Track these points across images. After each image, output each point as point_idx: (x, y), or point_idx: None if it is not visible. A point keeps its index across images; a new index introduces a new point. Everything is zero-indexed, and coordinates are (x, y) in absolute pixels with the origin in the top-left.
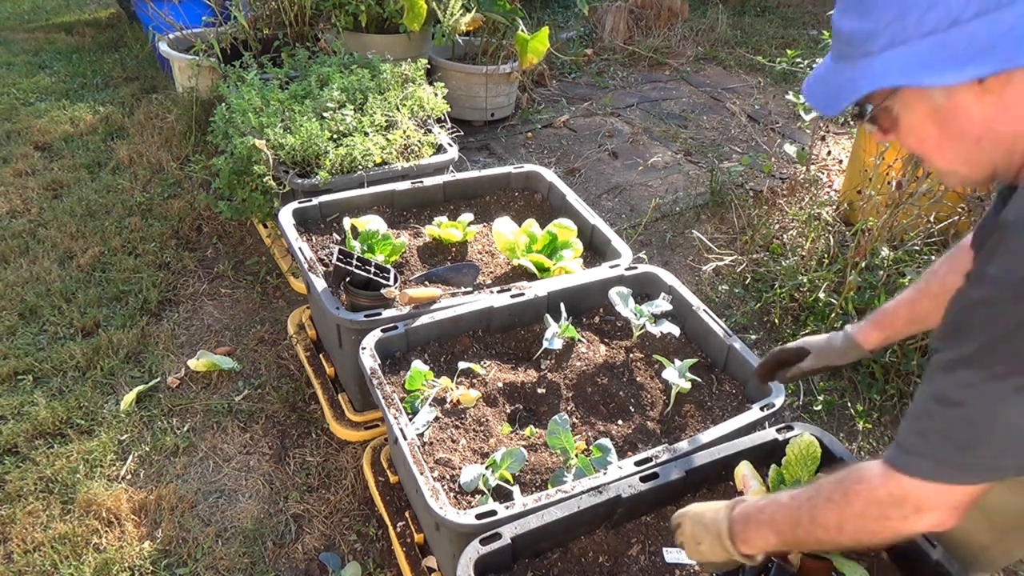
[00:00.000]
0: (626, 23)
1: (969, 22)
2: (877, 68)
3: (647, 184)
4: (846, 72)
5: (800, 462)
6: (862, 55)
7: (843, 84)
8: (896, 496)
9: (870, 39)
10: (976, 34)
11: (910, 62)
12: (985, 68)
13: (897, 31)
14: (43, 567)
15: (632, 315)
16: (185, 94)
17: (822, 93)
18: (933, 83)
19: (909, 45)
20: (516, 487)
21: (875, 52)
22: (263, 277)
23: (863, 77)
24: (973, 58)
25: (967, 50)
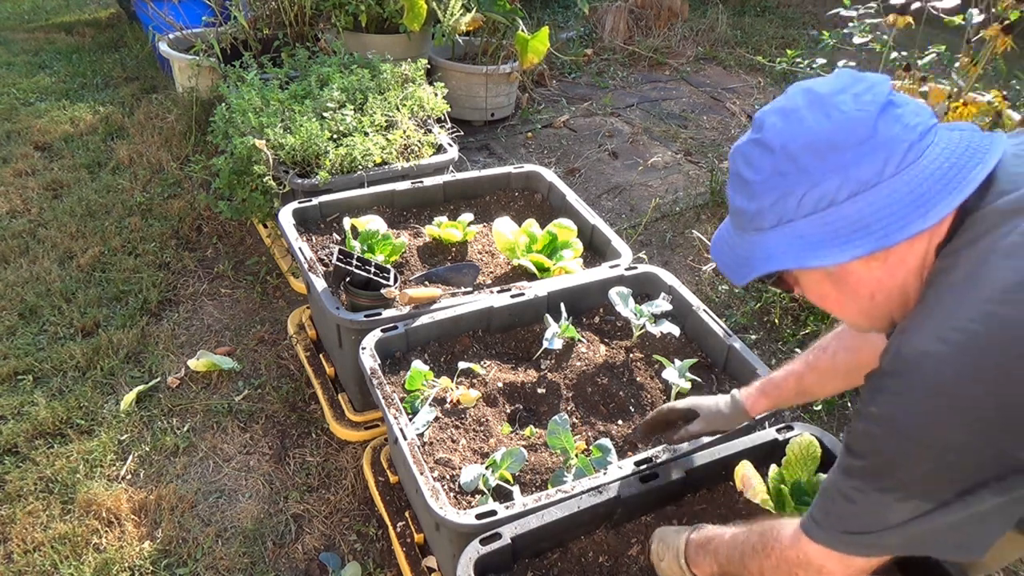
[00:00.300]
0: (626, 23)
1: (844, 203)
2: (770, 248)
3: (647, 184)
4: (745, 244)
5: (800, 462)
6: (755, 229)
7: (744, 259)
8: (802, 559)
9: (758, 217)
10: (851, 214)
11: (797, 244)
12: (863, 248)
13: (780, 212)
14: (43, 567)
15: (632, 315)
16: (185, 94)
17: (729, 261)
18: (820, 264)
19: (794, 224)
20: (516, 487)
21: (765, 228)
22: (263, 277)
23: (759, 258)
24: (851, 237)
25: (845, 228)
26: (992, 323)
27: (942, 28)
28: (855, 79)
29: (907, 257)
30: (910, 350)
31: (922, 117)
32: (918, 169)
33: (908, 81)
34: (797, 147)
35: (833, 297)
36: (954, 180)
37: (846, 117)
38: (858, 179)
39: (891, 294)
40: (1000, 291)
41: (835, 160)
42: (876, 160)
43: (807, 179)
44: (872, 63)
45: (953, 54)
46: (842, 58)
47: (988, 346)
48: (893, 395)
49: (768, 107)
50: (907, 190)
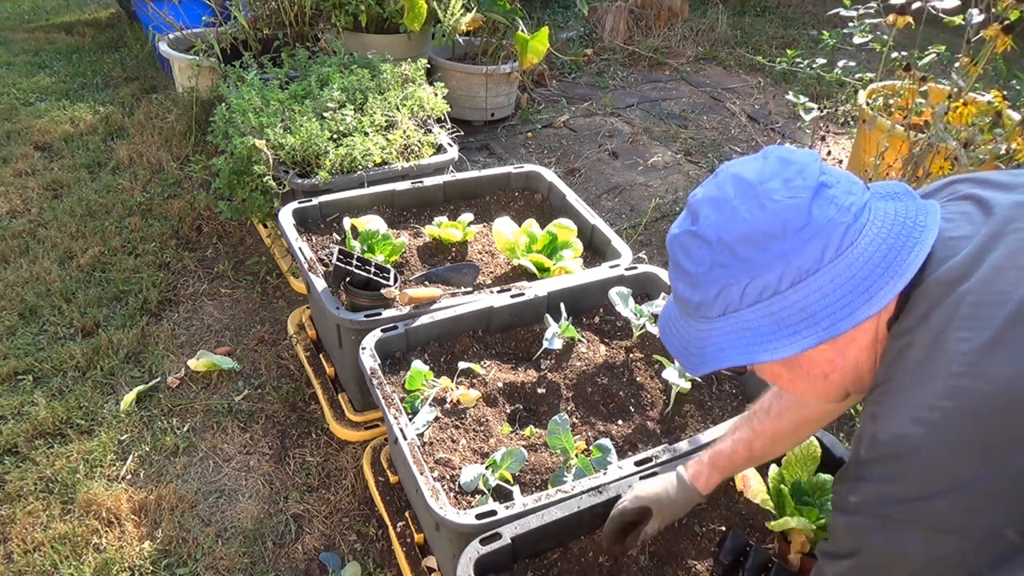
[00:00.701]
0: (626, 23)
1: (786, 292)
2: (720, 340)
3: (647, 184)
4: (693, 332)
5: (800, 462)
6: (702, 317)
7: (696, 348)
8: None
9: (703, 307)
10: (796, 302)
11: (746, 337)
12: (812, 339)
13: (725, 302)
14: (43, 567)
15: (632, 315)
16: (185, 94)
17: (679, 346)
18: (771, 358)
19: (740, 314)
20: (516, 487)
21: (712, 317)
22: (263, 277)
23: (711, 352)
24: (799, 327)
25: (792, 317)
26: (962, 398)
27: (942, 28)
28: (784, 163)
29: (857, 336)
30: (887, 436)
31: (855, 195)
32: (857, 252)
33: (908, 81)
34: (733, 239)
35: (785, 377)
36: (895, 263)
37: (779, 206)
38: (799, 267)
39: (844, 372)
40: (961, 364)
41: (774, 250)
42: (815, 247)
43: (748, 270)
44: (872, 63)
45: (953, 54)
46: (842, 58)
47: (964, 424)
48: (875, 482)
49: (701, 194)
50: (849, 275)
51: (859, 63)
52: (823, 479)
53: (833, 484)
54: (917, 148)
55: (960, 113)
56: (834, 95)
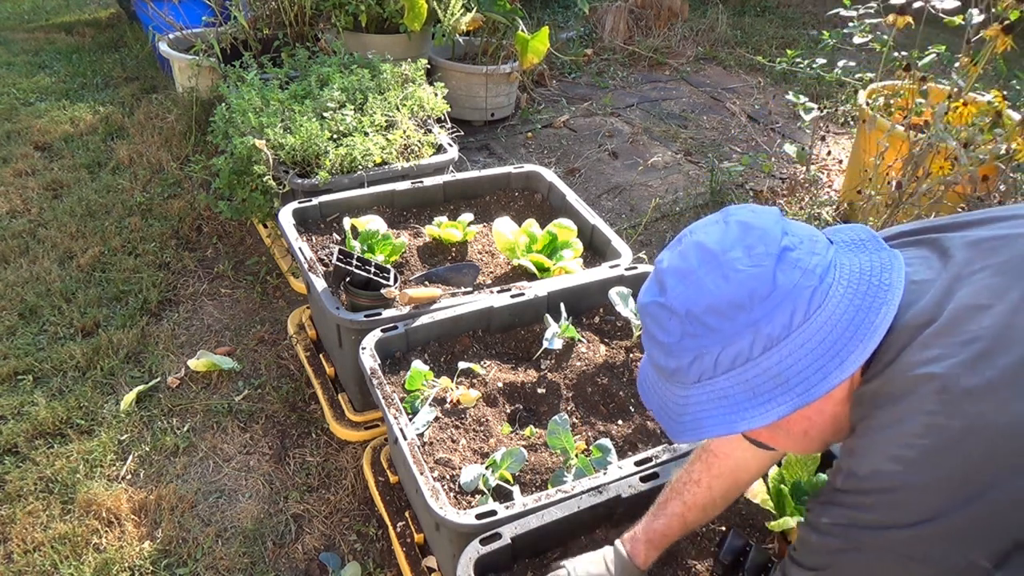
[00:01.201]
0: (626, 23)
1: (759, 359)
2: (698, 411)
3: (647, 184)
4: (672, 396)
5: (800, 462)
6: (678, 383)
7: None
8: None
9: (679, 374)
10: (769, 368)
11: (723, 406)
12: (787, 406)
13: (699, 371)
14: (43, 567)
15: (632, 315)
16: (185, 94)
17: (659, 410)
18: (749, 428)
19: (714, 381)
20: (516, 487)
21: (688, 384)
22: (263, 277)
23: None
24: (773, 394)
25: (766, 384)
26: (938, 435)
27: (942, 28)
28: (745, 229)
29: (834, 393)
30: (864, 471)
31: (819, 255)
32: (826, 315)
33: (908, 81)
34: (700, 311)
35: (765, 435)
36: (863, 326)
37: (743, 275)
38: (768, 335)
39: (822, 428)
40: (937, 403)
41: (742, 319)
42: (783, 313)
43: (719, 339)
44: (872, 63)
45: (953, 54)
46: (842, 58)
47: (938, 460)
48: (849, 508)
49: (667, 263)
50: (819, 339)
51: (859, 63)
52: (823, 479)
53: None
54: (917, 148)
55: (960, 113)
56: (834, 95)
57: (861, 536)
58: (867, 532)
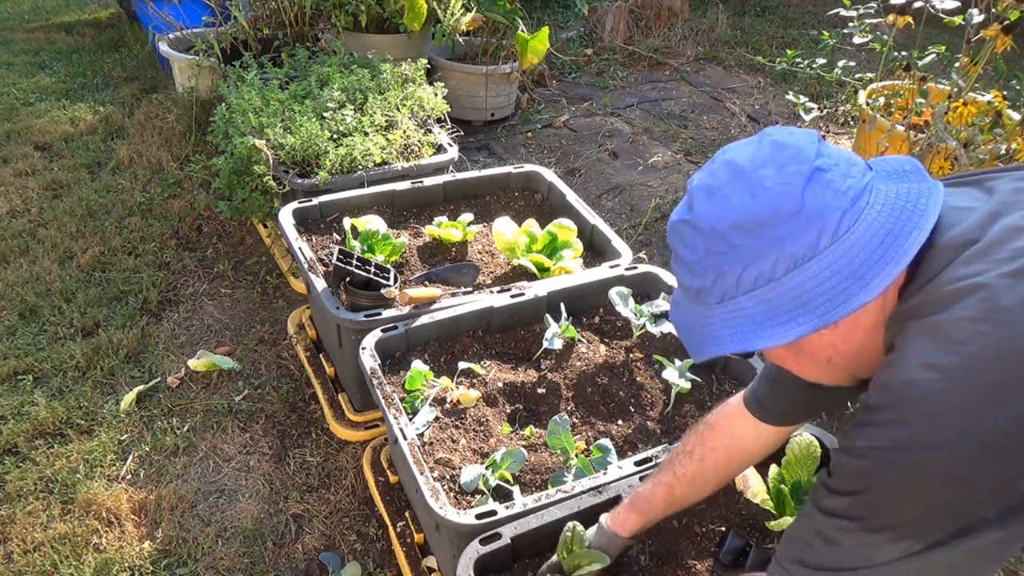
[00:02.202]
0: (626, 23)
1: (782, 280)
2: (717, 328)
3: (647, 184)
4: (695, 315)
5: (800, 462)
6: (702, 303)
7: (696, 334)
8: None
9: (703, 294)
10: (791, 290)
11: (743, 324)
12: (807, 326)
13: (722, 290)
14: (43, 567)
15: (632, 315)
16: (185, 94)
17: (684, 330)
18: (767, 346)
19: (736, 301)
20: (516, 487)
21: (711, 304)
22: (263, 277)
23: (709, 339)
24: (793, 315)
25: (787, 305)
26: (981, 342)
27: (942, 28)
28: (778, 148)
29: (860, 318)
30: (898, 382)
31: (854, 178)
32: (854, 238)
33: (908, 81)
34: (725, 227)
35: (791, 360)
36: (892, 248)
37: (771, 193)
38: (793, 255)
39: (848, 356)
40: (981, 310)
41: (767, 237)
42: (809, 234)
43: (742, 257)
44: (872, 63)
45: (953, 54)
46: (842, 58)
47: (980, 367)
48: (884, 427)
49: (697, 181)
50: (845, 262)
51: (859, 63)
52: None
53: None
54: (917, 148)
55: (960, 113)
56: (834, 95)
57: (894, 457)
58: (900, 453)
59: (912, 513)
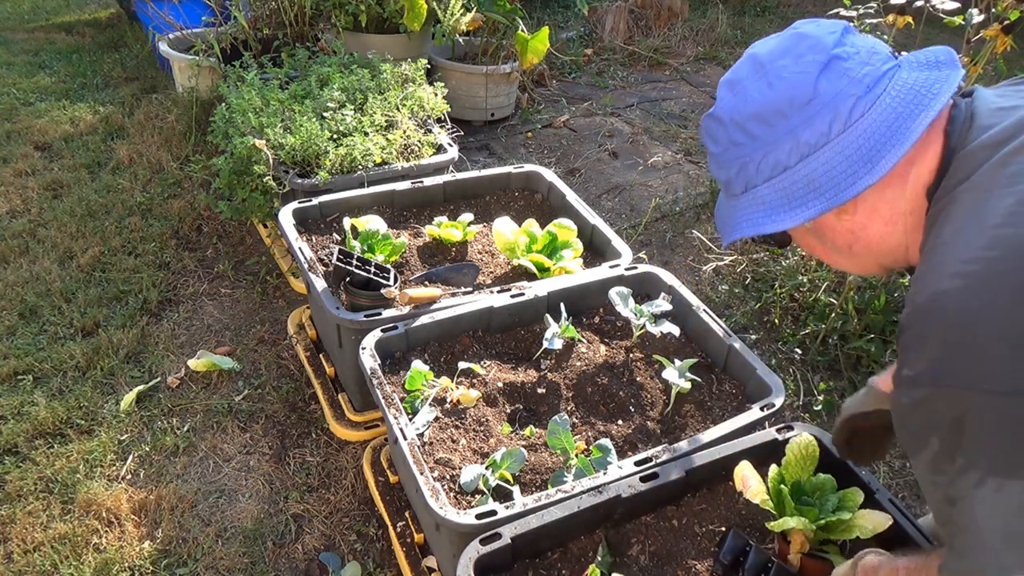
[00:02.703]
0: (626, 23)
1: (796, 168)
2: (738, 215)
3: (647, 184)
4: (726, 207)
5: (799, 462)
6: (731, 195)
7: (724, 222)
8: None
9: (730, 185)
10: (804, 176)
11: (758, 211)
12: (815, 209)
13: (745, 180)
14: (43, 567)
15: (632, 315)
16: (185, 94)
17: (718, 221)
18: (776, 229)
19: (757, 190)
20: (516, 487)
21: (738, 195)
22: (263, 277)
23: (730, 225)
24: (805, 199)
25: (799, 191)
26: (1005, 245)
27: (942, 28)
28: (799, 39)
29: (877, 207)
30: (924, 296)
31: (872, 65)
32: (866, 123)
33: None
34: (743, 118)
35: (819, 249)
36: (899, 131)
37: (786, 82)
38: (807, 142)
39: (868, 244)
40: (1002, 216)
41: (782, 126)
42: (821, 121)
43: (760, 147)
44: None
45: None
46: None
47: (1006, 269)
48: (918, 348)
49: (723, 78)
50: (855, 147)
51: None
52: (822, 479)
53: None
54: None
55: None
56: None
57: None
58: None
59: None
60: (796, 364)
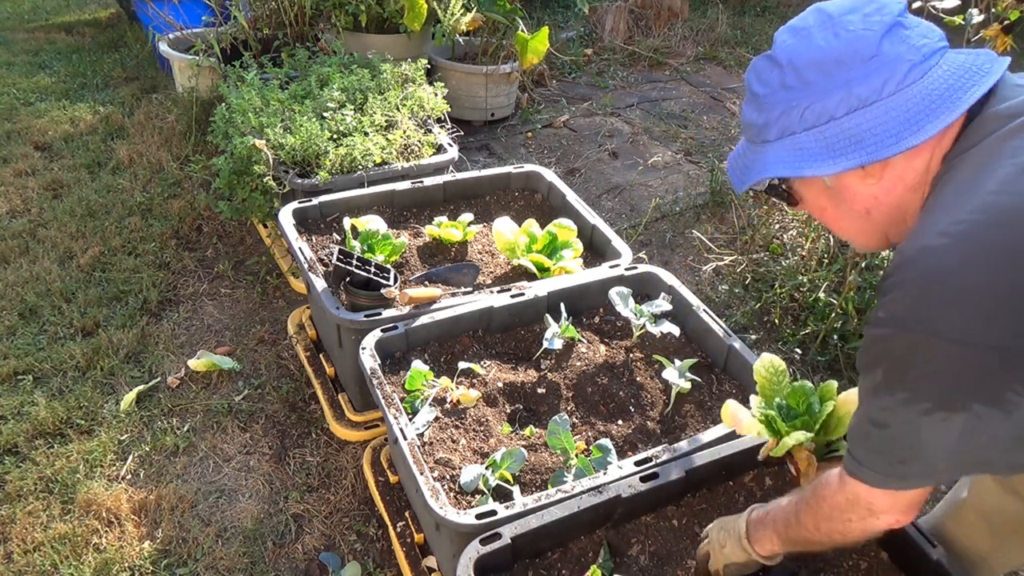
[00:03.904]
0: (626, 23)
1: (842, 119)
2: (770, 158)
3: (647, 184)
4: (751, 154)
5: (771, 382)
6: (761, 141)
7: (747, 167)
8: (851, 501)
9: (765, 130)
10: (848, 129)
11: (795, 155)
12: (854, 160)
13: (785, 125)
14: (43, 567)
15: (632, 315)
16: (185, 94)
17: (736, 169)
18: (813, 174)
19: (795, 137)
20: (516, 487)
21: (771, 140)
22: (263, 277)
23: (759, 165)
24: (845, 150)
25: (841, 142)
26: (992, 211)
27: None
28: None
29: (905, 174)
30: (912, 249)
31: (930, 39)
32: (917, 89)
33: None
34: (803, 63)
35: (831, 212)
36: (948, 100)
37: (852, 35)
38: (858, 96)
39: (887, 211)
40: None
41: (838, 76)
42: (877, 78)
43: (810, 94)
44: None
45: None
46: None
47: (988, 233)
48: (896, 293)
49: (785, 25)
50: (903, 109)
51: None
52: (798, 386)
53: None
54: None
55: None
56: None
57: (907, 322)
58: (915, 314)
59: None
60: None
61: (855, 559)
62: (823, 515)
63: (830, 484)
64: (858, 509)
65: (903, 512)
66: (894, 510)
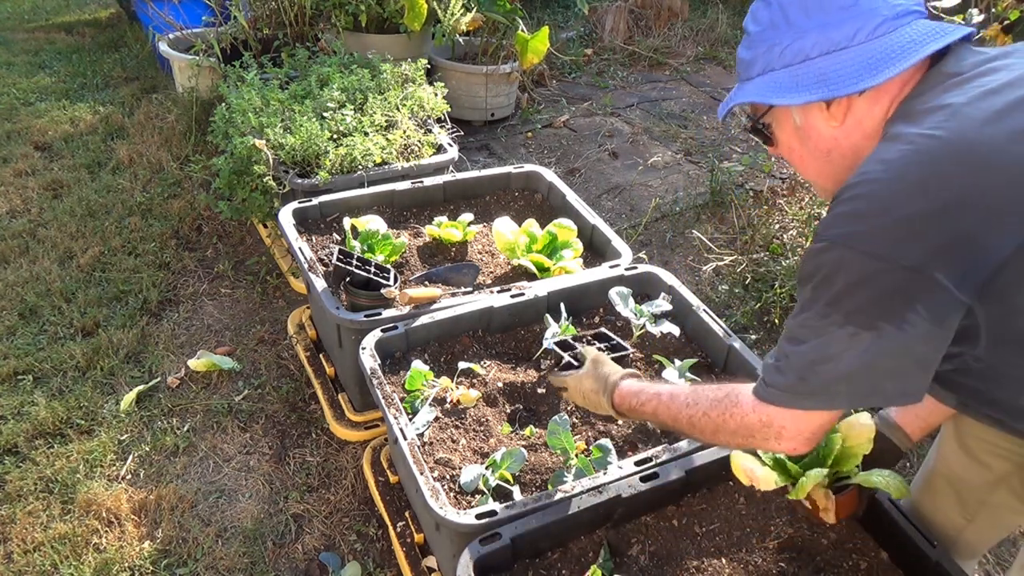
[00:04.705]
0: (626, 23)
1: (816, 60)
2: (749, 88)
3: (647, 184)
4: (736, 90)
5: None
6: (746, 79)
7: (731, 98)
8: (764, 423)
9: (750, 66)
10: (819, 68)
11: (768, 87)
12: (816, 94)
13: (767, 61)
14: (43, 567)
15: (632, 315)
16: (185, 94)
17: (723, 104)
18: (779, 103)
19: (774, 73)
20: (516, 487)
21: (753, 76)
22: (263, 277)
23: (739, 94)
24: (810, 86)
25: (809, 80)
26: (922, 146)
27: None
28: None
29: (864, 120)
30: (855, 176)
31: (906, 3)
32: (884, 41)
33: None
34: (789, 1)
35: (798, 152)
36: (908, 51)
37: None
38: (831, 39)
39: (845, 153)
40: (934, 124)
41: (818, 19)
42: (851, 26)
43: (792, 33)
44: None
45: None
46: None
47: (920, 163)
48: (833, 213)
49: None
50: (868, 56)
51: None
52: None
53: None
54: None
55: None
56: None
57: (839, 234)
58: (843, 230)
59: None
60: None
61: (855, 559)
62: (728, 430)
63: (740, 404)
64: (767, 431)
65: (805, 441)
66: (798, 438)
